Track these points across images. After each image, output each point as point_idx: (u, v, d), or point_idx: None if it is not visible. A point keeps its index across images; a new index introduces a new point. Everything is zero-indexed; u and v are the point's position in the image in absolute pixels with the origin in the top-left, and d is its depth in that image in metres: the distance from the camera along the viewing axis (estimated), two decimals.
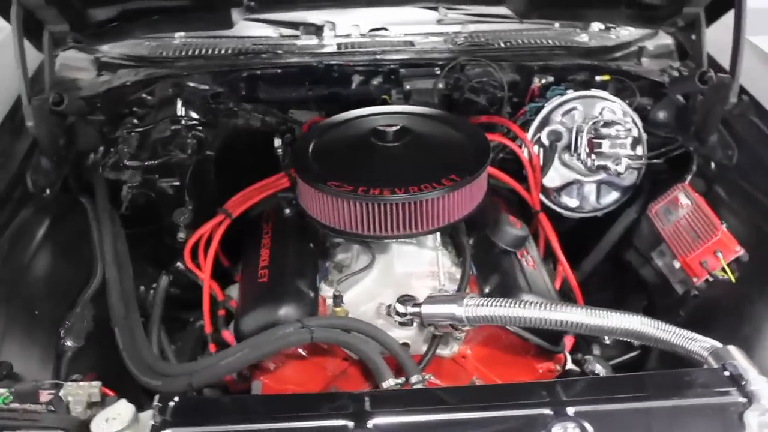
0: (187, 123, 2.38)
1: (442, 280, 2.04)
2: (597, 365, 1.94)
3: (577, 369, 2.06)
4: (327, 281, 2.09)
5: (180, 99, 2.46)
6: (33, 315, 1.92)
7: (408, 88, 2.56)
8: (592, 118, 2.41)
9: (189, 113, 2.44)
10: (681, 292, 2.15)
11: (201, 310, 2.18)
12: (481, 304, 1.80)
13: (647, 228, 2.34)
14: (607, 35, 2.87)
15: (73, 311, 1.96)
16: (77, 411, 1.52)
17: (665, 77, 2.54)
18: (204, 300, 2.20)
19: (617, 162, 2.32)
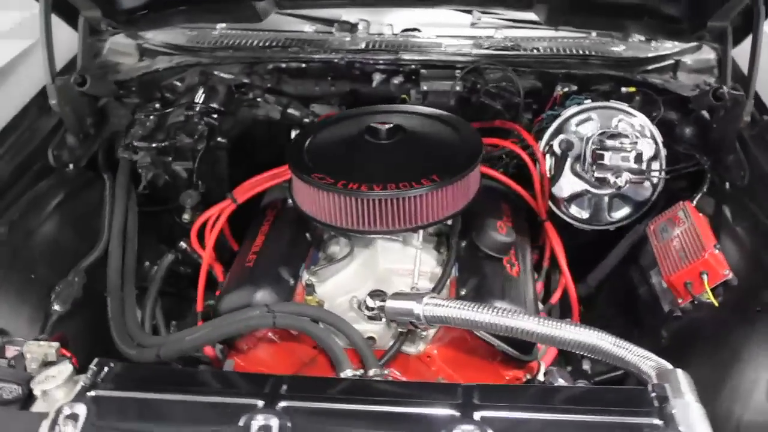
0: (201, 110, 2.48)
1: (416, 278, 2.05)
2: (558, 378, 1.91)
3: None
4: (309, 270, 2.14)
5: (203, 87, 2.57)
6: (29, 278, 2.06)
7: (425, 88, 2.58)
8: (604, 129, 2.36)
9: (210, 101, 2.54)
10: (667, 311, 2.09)
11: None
12: (439, 304, 1.82)
13: (649, 245, 2.28)
14: (647, 46, 2.79)
15: (65, 278, 2.09)
16: (32, 368, 1.64)
17: (696, 93, 2.46)
18: (200, 278, 2.30)
19: (617, 175, 2.27)
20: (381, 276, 2.12)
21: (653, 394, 1.46)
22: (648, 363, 1.62)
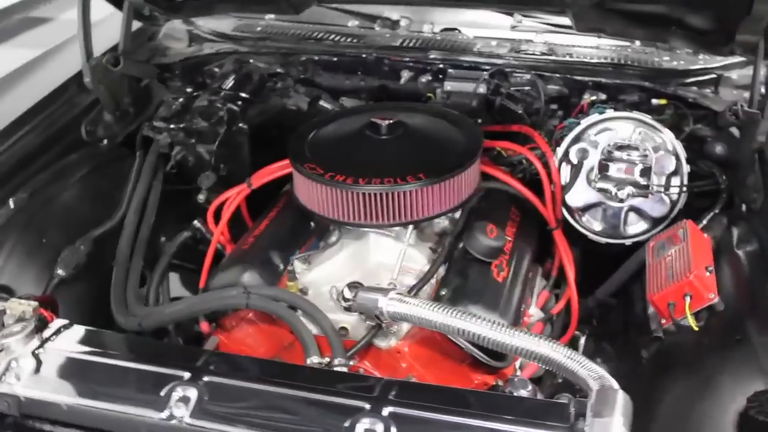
0: (225, 95, 2.58)
1: (395, 273, 2.07)
2: (520, 388, 1.87)
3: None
4: (297, 257, 2.19)
5: (235, 74, 2.67)
6: (40, 243, 2.21)
7: (449, 88, 2.58)
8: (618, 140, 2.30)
9: (240, 88, 2.64)
10: (652, 331, 2.02)
11: None
12: (401, 300, 1.83)
13: None
14: (694, 59, 2.68)
15: (72, 245, 2.23)
16: (8, 323, 1.76)
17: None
18: (207, 256, 2.39)
19: (620, 188, 2.20)
20: (370, 269, 2.15)
21: (572, 410, 1.43)
22: (596, 382, 1.58)
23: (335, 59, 2.72)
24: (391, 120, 2.20)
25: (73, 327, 1.67)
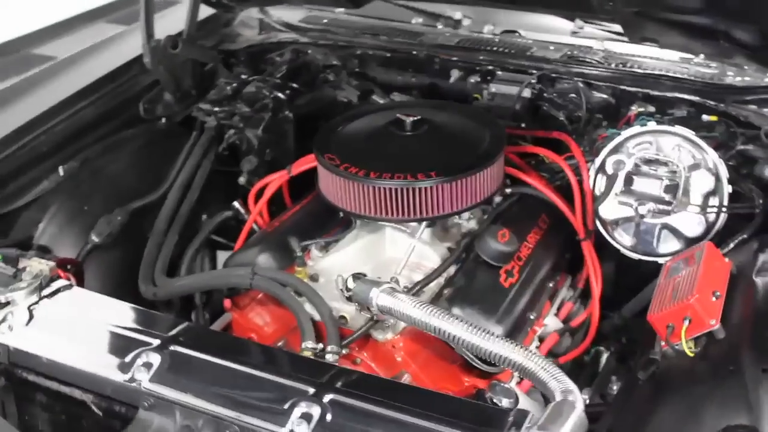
0: (272, 83, 2.67)
1: (400, 268, 2.09)
2: (501, 396, 1.84)
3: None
4: (312, 244, 2.24)
5: (290, 63, 2.76)
6: (82, 209, 2.36)
7: (494, 90, 2.56)
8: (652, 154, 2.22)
9: (292, 77, 2.73)
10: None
11: None
12: (390, 293, 1.85)
13: None
14: (761, 76, 2.54)
15: (110, 214, 2.37)
16: (25, 279, 1.91)
17: None
18: (240, 237, 2.49)
19: (642, 203, 2.13)
20: (383, 263, 2.18)
21: (510, 418, 1.43)
22: (561, 392, 1.56)
23: (388, 55, 2.76)
24: (416, 117, 2.22)
25: (73, 289, 1.80)
